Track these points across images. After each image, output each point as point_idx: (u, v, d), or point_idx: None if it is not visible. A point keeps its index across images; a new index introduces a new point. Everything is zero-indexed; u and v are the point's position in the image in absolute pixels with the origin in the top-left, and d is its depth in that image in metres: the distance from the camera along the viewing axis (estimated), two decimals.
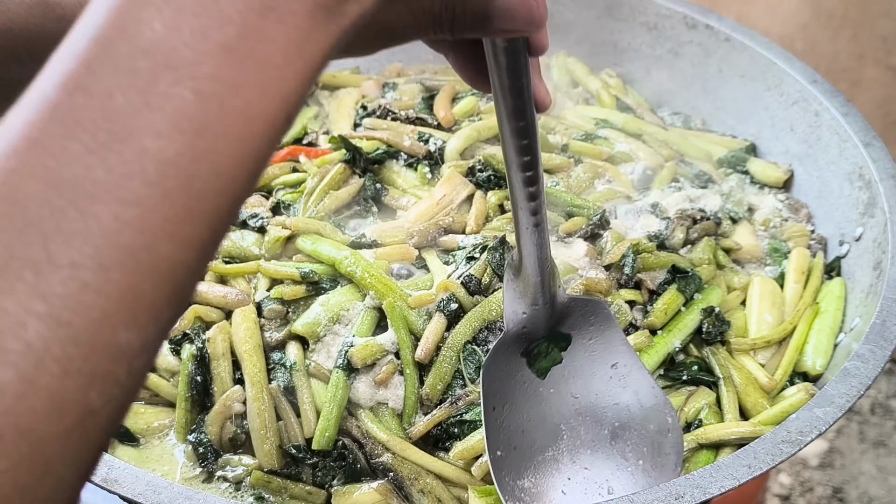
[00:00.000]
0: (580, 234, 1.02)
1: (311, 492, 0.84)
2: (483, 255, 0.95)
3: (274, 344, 0.93)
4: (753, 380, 0.92)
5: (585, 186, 1.11)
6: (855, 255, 1.03)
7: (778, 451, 0.74)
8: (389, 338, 0.90)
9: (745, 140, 1.25)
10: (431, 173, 1.12)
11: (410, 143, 1.14)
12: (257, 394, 0.88)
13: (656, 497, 0.70)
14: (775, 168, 1.19)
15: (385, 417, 0.88)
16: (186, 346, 0.93)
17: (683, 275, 0.97)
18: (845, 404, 0.78)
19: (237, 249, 1.01)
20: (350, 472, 0.85)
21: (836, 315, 0.98)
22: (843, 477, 1.98)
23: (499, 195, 1.07)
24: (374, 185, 1.09)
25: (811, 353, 0.94)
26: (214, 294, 0.96)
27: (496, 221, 1.03)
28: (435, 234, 1.02)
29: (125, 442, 0.90)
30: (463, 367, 0.88)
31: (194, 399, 0.91)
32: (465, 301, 0.91)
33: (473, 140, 1.14)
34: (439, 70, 1.34)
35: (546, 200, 0.73)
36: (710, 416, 0.88)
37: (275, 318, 0.94)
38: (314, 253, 0.97)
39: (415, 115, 1.20)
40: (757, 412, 0.89)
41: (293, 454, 0.86)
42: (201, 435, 0.88)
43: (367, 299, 0.93)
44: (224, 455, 0.88)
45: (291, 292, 0.94)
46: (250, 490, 0.84)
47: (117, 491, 0.72)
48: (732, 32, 1.26)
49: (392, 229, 1.02)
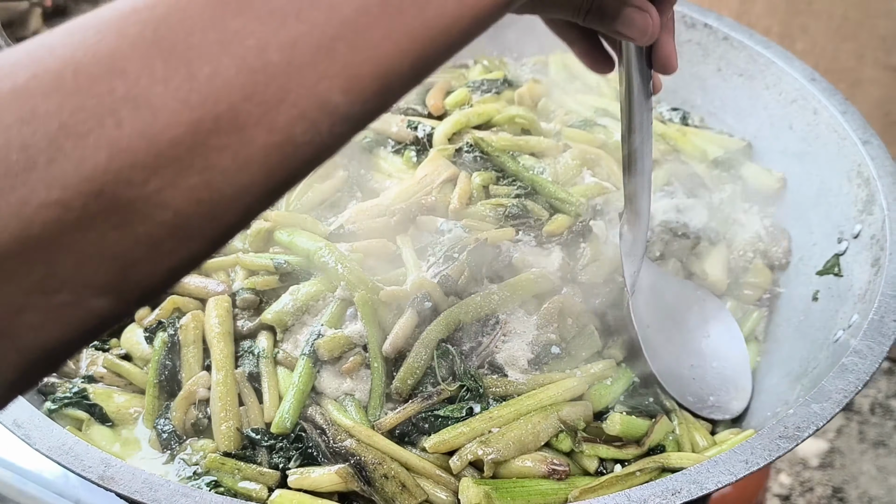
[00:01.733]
0: (560, 241, 1.02)
1: (263, 473, 0.83)
2: (463, 257, 0.96)
3: (245, 333, 0.94)
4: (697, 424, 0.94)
5: (573, 174, 1.11)
6: (853, 253, 1.03)
7: (775, 447, 0.74)
8: (358, 330, 0.90)
9: (741, 140, 1.25)
10: (418, 158, 1.12)
11: (398, 130, 1.14)
12: (222, 378, 0.89)
13: (654, 492, 0.70)
14: (769, 175, 1.18)
15: (350, 408, 0.88)
16: (159, 334, 0.94)
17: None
18: (842, 400, 0.78)
19: None
20: (307, 454, 0.85)
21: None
22: (843, 477, 1.98)
23: (484, 177, 1.06)
24: (359, 171, 1.10)
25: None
26: (195, 285, 0.98)
27: (480, 206, 1.03)
28: (416, 212, 1.02)
29: (103, 423, 0.91)
30: (436, 364, 0.89)
31: (163, 385, 0.92)
32: (440, 300, 0.92)
33: (462, 126, 1.14)
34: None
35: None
36: (672, 444, 0.90)
37: (248, 307, 0.96)
38: (290, 245, 0.99)
39: (406, 106, 1.21)
40: (702, 448, 0.91)
41: (251, 437, 0.86)
42: (166, 420, 0.89)
43: (337, 290, 0.93)
44: (186, 440, 0.88)
45: (263, 282, 0.96)
46: (205, 476, 0.84)
47: (114, 488, 0.72)
48: (731, 31, 1.26)
49: (372, 207, 1.03)
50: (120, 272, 0.35)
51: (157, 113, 0.34)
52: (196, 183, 0.36)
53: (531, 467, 0.83)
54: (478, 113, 1.16)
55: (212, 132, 0.35)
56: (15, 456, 1.16)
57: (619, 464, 0.87)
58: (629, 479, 0.83)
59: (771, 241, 1.14)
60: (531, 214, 1.03)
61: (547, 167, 1.10)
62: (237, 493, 0.82)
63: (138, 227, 0.35)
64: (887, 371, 2.16)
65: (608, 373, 0.93)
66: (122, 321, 0.39)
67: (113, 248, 0.35)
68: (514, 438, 0.84)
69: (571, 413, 0.88)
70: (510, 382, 0.89)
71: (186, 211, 0.36)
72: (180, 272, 0.38)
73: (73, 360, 0.96)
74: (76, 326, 0.36)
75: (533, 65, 1.37)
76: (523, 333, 0.94)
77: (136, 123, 0.34)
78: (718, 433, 0.95)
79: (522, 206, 1.03)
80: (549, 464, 0.83)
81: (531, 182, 1.06)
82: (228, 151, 0.36)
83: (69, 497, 1.14)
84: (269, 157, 0.37)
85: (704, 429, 0.94)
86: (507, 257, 0.99)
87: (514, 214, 1.02)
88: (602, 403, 0.92)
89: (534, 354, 0.93)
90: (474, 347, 0.91)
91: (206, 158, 0.35)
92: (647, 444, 0.89)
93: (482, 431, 0.84)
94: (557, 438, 0.86)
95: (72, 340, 0.37)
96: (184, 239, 0.36)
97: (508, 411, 0.86)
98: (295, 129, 0.37)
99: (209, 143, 0.35)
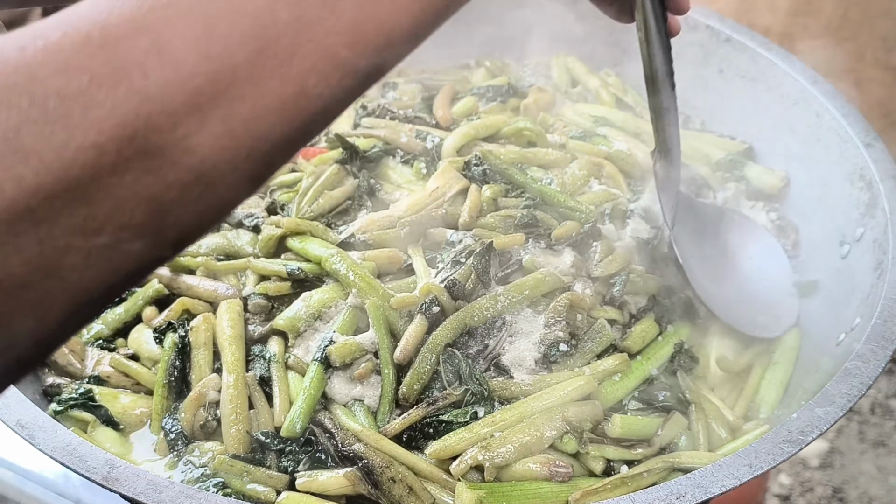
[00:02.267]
0: (569, 242, 1.03)
1: (272, 476, 0.83)
2: (469, 261, 0.96)
3: (257, 337, 0.95)
4: (720, 414, 0.94)
5: (581, 184, 1.11)
6: (856, 256, 1.03)
7: (779, 451, 0.75)
8: (369, 337, 0.91)
9: (742, 142, 1.25)
10: (427, 169, 1.12)
11: (407, 140, 1.15)
12: (233, 381, 0.89)
13: (658, 496, 0.71)
14: (771, 174, 1.19)
15: (359, 413, 0.88)
16: (170, 335, 0.95)
17: (662, 305, 1.00)
18: (846, 404, 0.78)
19: (231, 248, 1.03)
20: (316, 458, 0.85)
21: (787, 368, 0.99)
22: (843, 477, 1.98)
23: (494, 189, 1.07)
24: (369, 181, 1.10)
25: (758, 402, 0.97)
26: (204, 288, 0.99)
27: (489, 217, 1.04)
28: (427, 224, 1.02)
29: (108, 425, 0.91)
30: (442, 369, 0.89)
31: (171, 386, 0.92)
32: (448, 305, 0.92)
33: (471, 138, 1.15)
34: (440, 70, 1.35)
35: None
36: (687, 441, 0.90)
37: (259, 312, 0.96)
38: (302, 251, 0.99)
39: (413, 115, 1.21)
40: (721, 445, 0.91)
41: (261, 440, 0.86)
42: (174, 421, 0.89)
43: (349, 297, 0.94)
44: (194, 442, 0.89)
45: (275, 288, 0.97)
46: (213, 478, 0.84)
47: (118, 490, 0.72)
48: (733, 33, 1.26)
49: (382, 218, 1.03)
50: (155, 215, 0.38)
51: (179, 64, 0.38)
52: (219, 130, 0.39)
53: (533, 470, 0.83)
54: (485, 125, 1.17)
55: (231, 83, 0.39)
56: (16, 456, 1.17)
57: (626, 465, 0.87)
58: (635, 480, 0.83)
59: (779, 234, 1.14)
60: (541, 223, 1.04)
61: (555, 178, 1.11)
62: (245, 496, 0.82)
63: (168, 171, 0.38)
64: (887, 371, 2.16)
65: (619, 367, 0.93)
66: (161, 265, 0.42)
67: (147, 191, 0.38)
68: (516, 442, 0.84)
69: (578, 413, 0.87)
70: (515, 384, 0.89)
71: (212, 157, 0.39)
72: (210, 218, 0.42)
73: (79, 359, 0.96)
74: (117, 269, 0.39)
75: (535, 66, 1.37)
76: (530, 333, 0.94)
77: (162, 74, 0.37)
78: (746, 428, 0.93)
79: (532, 216, 1.04)
80: (550, 466, 0.83)
81: (540, 193, 1.07)
82: (247, 101, 0.39)
83: (70, 497, 1.14)
84: (285, 107, 0.40)
85: (730, 417, 0.93)
86: (517, 261, 0.99)
87: (523, 224, 1.03)
88: (612, 400, 0.91)
89: (541, 353, 0.92)
90: (481, 350, 0.92)
91: (226, 107, 0.39)
92: (657, 444, 0.88)
93: (485, 436, 0.84)
94: (562, 440, 0.86)
95: (114, 284, 0.39)
96: (211, 185, 0.39)
97: (511, 414, 0.86)
98: (308, 81, 0.41)
99: (229, 92, 0.39)
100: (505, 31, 1.39)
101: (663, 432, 0.89)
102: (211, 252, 1.03)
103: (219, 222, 0.46)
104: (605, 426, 0.89)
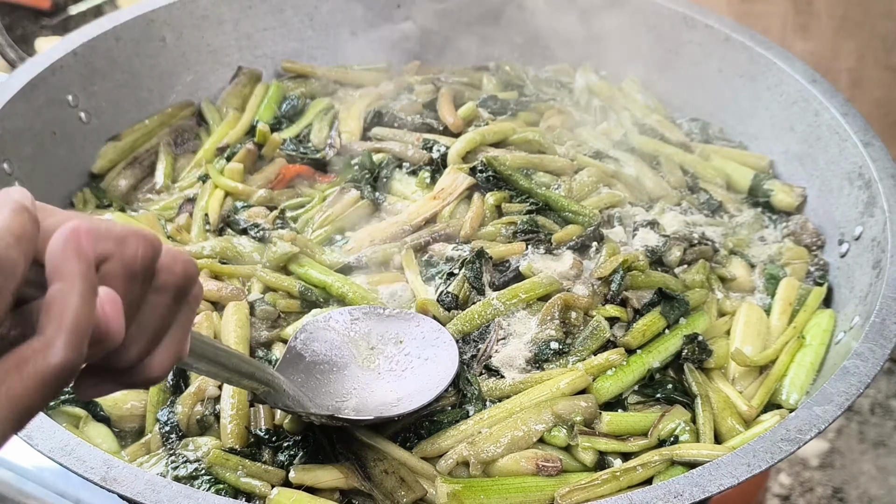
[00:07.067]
0: (570, 245, 1.03)
1: (267, 470, 0.84)
2: (461, 271, 0.98)
3: (262, 341, 0.97)
4: (731, 405, 0.92)
5: (589, 191, 1.12)
6: (854, 254, 1.03)
7: (777, 450, 0.74)
8: None
9: (760, 154, 1.23)
10: (432, 178, 1.14)
11: (413, 153, 1.17)
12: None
13: (655, 495, 0.71)
14: (789, 193, 1.16)
15: None
16: None
17: (670, 298, 0.98)
18: (844, 403, 0.78)
19: (234, 252, 1.05)
20: (312, 453, 0.86)
21: (820, 350, 0.96)
22: (843, 477, 1.98)
23: (497, 196, 1.08)
24: (374, 194, 1.13)
25: (787, 386, 0.94)
26: (208, 288, 1.00)
27: (491, 226, 1.05)
28: (429, 238, 1.05)
29: (99, 420, 0.92)
30: None
31: (168, 380, 0.92)
32: (442, 317, 0.96)
33: (477, 144, 1.16)
34: (456, 71, 1.35)
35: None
36: (687, 434, 0.88)
37: (266, 318, 0.99)
38: (305, 276, 1.02)
39: (420, 121, 1.23)
40: (731, 436, 0.89)
41: (258, 435, 0.87)
42: (170, 413, 0.90)
43: None
44: (188, 437, 0.89)
45: (286, 304, 1.00)
46: (205, 475, 0.84)
47: (116, 490, 0.72)
48: (732, 32, 1.26)
49: (388, 225, 1.06)
50: None
51: None
52: None
53: (520, 465, 0.84)
54: (493, 131, 1.18)
55: None
56: (15, 456, 1.17)
57: (619, 457, 0.87)
58: (627, 474, 0.82)
59: (797, 227, 1.13)
60: (542, 229, 1.04)
61: (562, 184, 1.11)
62: (239, 489, 0.82)
63: None
64: (887, 371, 2.16)
65: (614, 362, 0.92)
66: None
67: None
68: (502, 437, 0.84)
69: (567, 407, 0.87)
70: (505, 383, 0.90)
71: None
72: None
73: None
74: None
75: (554, 72, 1.37)
76: (523, 334, 0.94)
77: None
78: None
79: (533, 221, 1.04)
80: (538, 461, 0.83)
81: (543, 198, 1.07)
82: None
83: (69, 497, 1.14)
84: None
85: (744, 408, 0.91)
86: (515, 267, 1.00)
87: (524, 230, 1.04)
88: (608, 395, 0.91)
89: (531, 353, 0.93)
90: (475, 355, 0.93)
91: None
92: (654, 436, 0.88)
93: (473, 433, 0.85)
94: (551, 433, 0.86)
95: None
96: None
97: (500, 411, 0.87)
98: None
99: None
100: (530, 35, 1.39)
101: (661, 425, 0.88)
102: (214, 254, 1.05)
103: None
104: (596, 423, 0.88)
